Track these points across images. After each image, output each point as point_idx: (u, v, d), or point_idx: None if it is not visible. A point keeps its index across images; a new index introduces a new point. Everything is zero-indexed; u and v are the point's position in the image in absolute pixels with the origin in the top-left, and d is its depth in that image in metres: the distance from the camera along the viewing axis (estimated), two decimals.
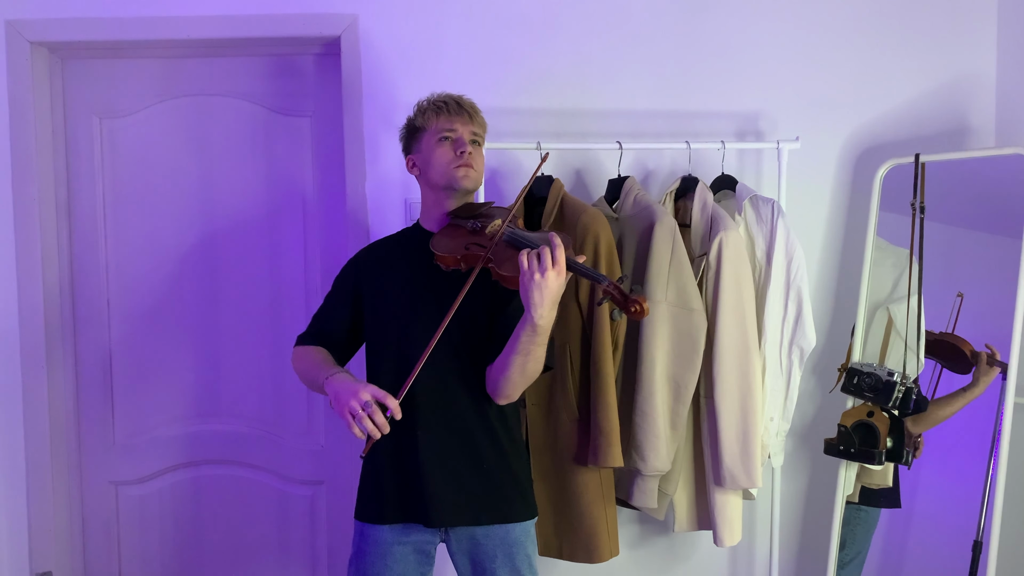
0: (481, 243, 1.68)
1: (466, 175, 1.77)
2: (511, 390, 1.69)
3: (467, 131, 1.79)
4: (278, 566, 2.53)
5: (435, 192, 1.81)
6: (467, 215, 1.77)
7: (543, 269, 1.52)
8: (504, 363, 1.65)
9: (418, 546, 1.76)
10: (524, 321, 1.58)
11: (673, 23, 2.39)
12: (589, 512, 2.03)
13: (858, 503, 2.28)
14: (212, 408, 2.50)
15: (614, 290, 1.51)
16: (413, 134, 1.84)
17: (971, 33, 2.42)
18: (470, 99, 1.83)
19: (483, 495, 1.73)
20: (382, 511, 1.75)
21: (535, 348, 1.62)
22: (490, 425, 1.75)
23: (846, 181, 2.43)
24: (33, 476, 2.38)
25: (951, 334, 2.18)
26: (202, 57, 2.44)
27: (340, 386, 1.63)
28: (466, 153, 1.77)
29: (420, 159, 1.82)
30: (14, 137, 2.33)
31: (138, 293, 2.47)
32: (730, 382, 2.07)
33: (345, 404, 1.58)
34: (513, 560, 1.73)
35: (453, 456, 1.72)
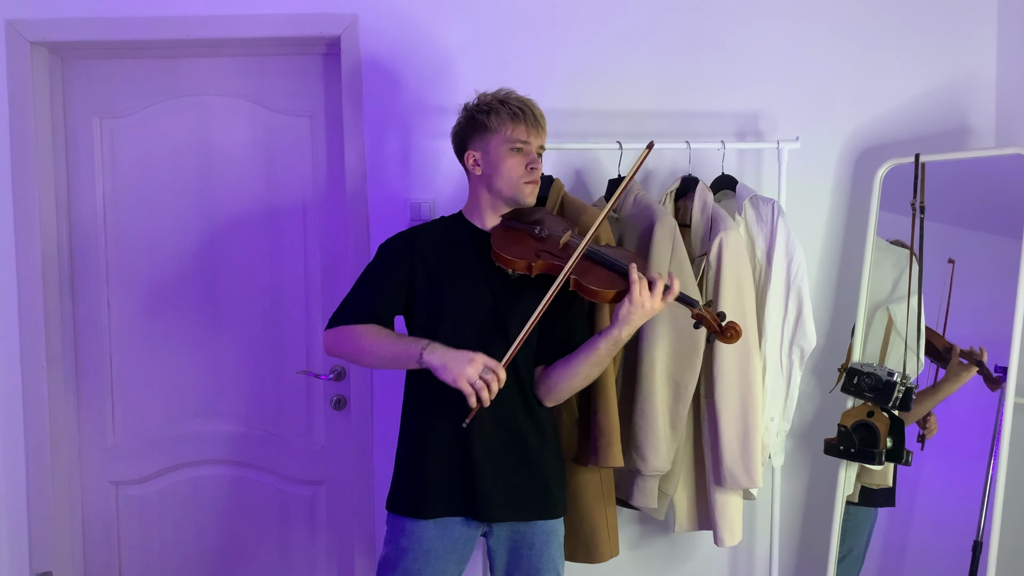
0: (551, 251, 1.73)
1: (532, 192, 1.80)
2: (565, 394, 1.78)
3: (537, 144, 1.79)
4: (278, 566, 2.53)
5: (494, 197, 1.81)
6: (526, 220, 1.80)
7: (652, 297, 1.63)
8: (572, 370, 1.73)
9: (460, 542, 1.78)
10: (606, 335, 1.68)
11: (673, 23, 2.39)
12: (589, 512, 2.02)
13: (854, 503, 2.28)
14: (212, 408, 2.50)
15: (709, 315, 1.66)
16: (479, 130, 1.79)
17: (971, 33, 2.42)
18: (540, 108, 1.82)
19: (531, 491, 1.77)
20: (428, 505, 1.75)
21: (608, 359, 1.74)
22: (539, 423, 1.80)
23: (846, 181, 2.43)
24: (33, 476, 2.38)
25: (933, 332, 2.19)
26: (202, 57, 2.44)
27: (449, 355, 1.63)
28: (537, 170, 1.78)
29: (486, 161, 1.79)
30: (14, 137, 2.33)
31: (138, 293, 2.47)
32: (730, 382, 2.07)
33: (462, 374, 1.60)
34: (550, 548, 1.79)
35: (504, 452, 1.75)
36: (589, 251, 1.71)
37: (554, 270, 1.70)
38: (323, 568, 2.53)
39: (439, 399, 1.73)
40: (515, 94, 1.81)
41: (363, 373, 2.40)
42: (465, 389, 1.60)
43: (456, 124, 1.85)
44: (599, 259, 1.72)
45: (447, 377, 1.61)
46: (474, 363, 1.61)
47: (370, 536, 2.42)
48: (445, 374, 1.61)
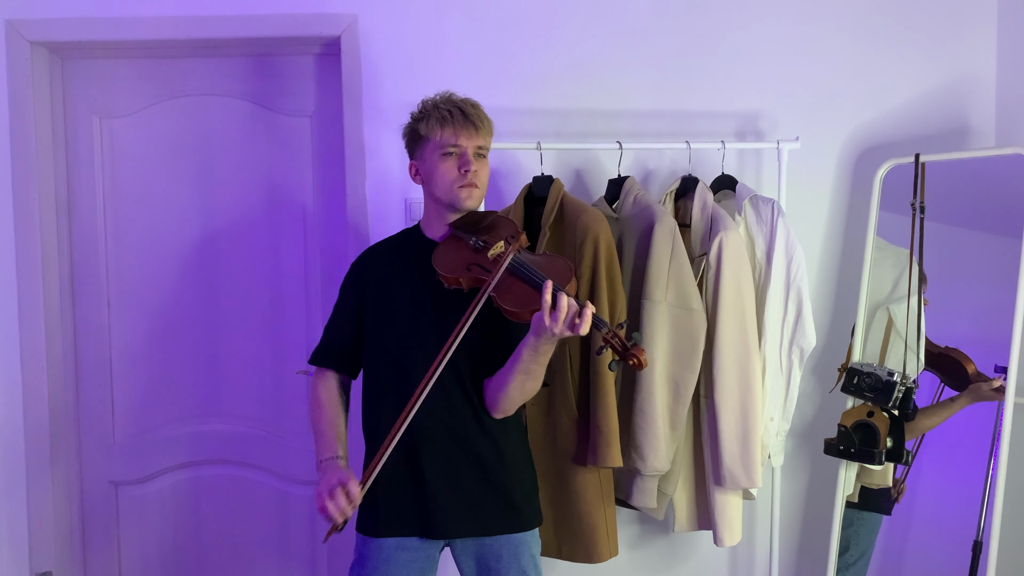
0: (483, 265, 1.65)
1: (469, 196, 1.72)
2: (508, 406, 1.70)
3: (472, 145, 1.71)
4: (278, 566, 2.53)
5: (436, 204, 1.76)
6: (470, 228, 1.73)
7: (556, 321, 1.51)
8: (503, 381, 1.66)
9: (421, 552, 1.75)
10: (526, 343, 1.59)
11: (673, 23, 2.39)
12: (588, 512, 2.02)
13: (860, 507, 2.27)
14: (212, 408, 2.50)
15: (614, 339, 1.52)
16: (416, 140, 1.76)
17: (971, 33, 2.42)
18: (475, 102, 1.75)
19: (490, 506, 1.73)
20: (381, 525, 1.73)
21: (536, 368, 1.63)
22: (493, 436, 1.74)
23: (846, 181, 2.43)
24: (33, 476, 2.38)
25: (956, 350, 2.18)
26: (202, 57, 2.44)
27: (323, 475, 1.66)
28: (470, 172, 1.70)
29: (423, 169, 1.75)
30: (14, 137, 2.33)
31: (138, 293, 2.47)
32: (730, 382, 2.07)
33: (319, 494, 1.61)
34: (519, 560, 1.73)
35: (459, 468, 1.71)
36: (513, 265, 1.61)
37: (480, 284, 1.62)
38: (323, 568, 2.53)
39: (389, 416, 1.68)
40: (451, 96, 1.74)
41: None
42: (321, 512, 1.60)
43: (403, 136, 1.81)
44: (522, 274, 1.60)
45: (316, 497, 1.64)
46: (328, 481, 1.61)
47: None
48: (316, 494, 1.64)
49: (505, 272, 1.60)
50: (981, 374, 2.14)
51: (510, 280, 1.61)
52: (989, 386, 2.11)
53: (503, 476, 1.73)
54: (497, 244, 1.68)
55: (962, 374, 2.16)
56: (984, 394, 2.13)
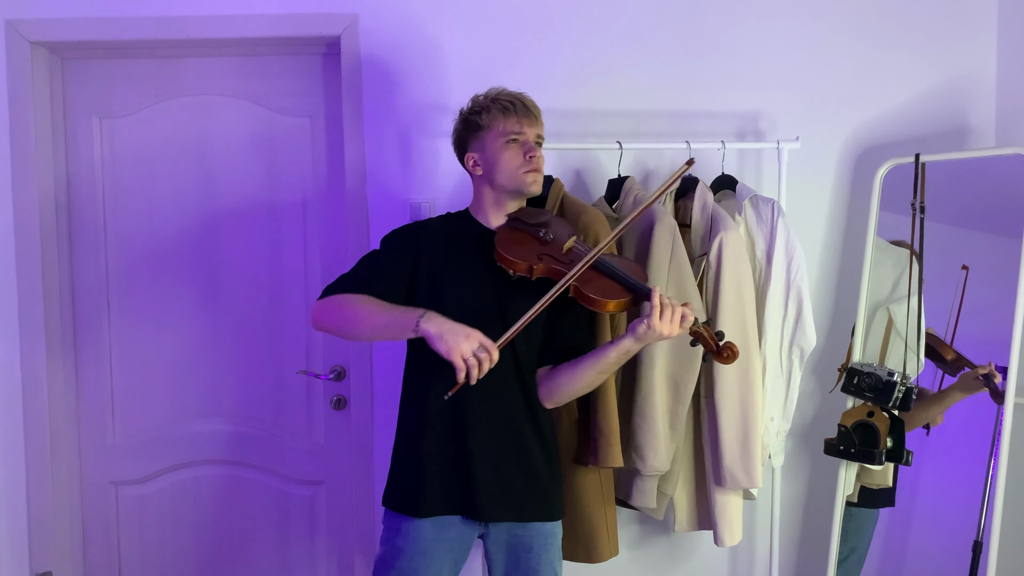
0: (555, 256, 1.71)
1: (535, 180, 1.79)
2: (567, 398, 1.79)
3: (533, 133, 1.79)
4: (278, 566, 2.53)
5: (497, 193, 1.81)
6: (531, 221, 1.78)
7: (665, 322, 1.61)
8: (578, 375, 1.74)
9: (457, 542, 1.77)
10: (618, 344, 1.68)
11: (673, 23, 2.39)
12: (589, 512, 2.02)
13: (855, 504, 2.27)
14: (212, 408, 2.50)
15: (707, 334, 1.65)
16: (474, 131, 1.80)
17: (971, 33, 2.42)
18: (532, 99, 1.82)
19: (528, 492, 1.76)
20: (424, 503, 1.74)
21: (615, 368, 1.75)
22: (539, 425, 1.79)
23: (846, 181, 2.43)
24: (33, 476, 2.38)
25: (934, 336, 2.18)
26: (202, 57, 2.44)
27: (447, 326, 1.59)
28: (535, 158, 1.77)
29: (484, 159, 1.80)
30: (14, 137, 2.33)
31: (138, 293, 2.47)
32: (730, 382, 2.06)
33: (456, 347, 1.57)
34: (549, 552, 1.78)
35: (503, 453, 1.74)
36: (598, 261, 1.70)
37: (555, 274, 1.69)
38: (323, 568, 2.53)
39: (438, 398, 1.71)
40: (505, 90, 1.82)
41: (363, 373, 2.40)
42: (457, 363, 1.57)
43: (454, 131, 1.87)
44: (604, 269, 1.71)
45: (441, 347, 1.58)
46: (470, 338, 1.58)
47: (370, 536, 2.42)
48: (440, 344, 1.58)
49: (588, 267, 1.68)
50: (963, 358, 2.14)
51: (592, 274, 1.70)
52: (974, 374, 2.12)
53: (541, 464, 1.78)
54: (570, 239, 1.75)
55: (942, 359, 2.17)
56: (971, 384, 2.13)
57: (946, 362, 2.18)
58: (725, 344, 1.65)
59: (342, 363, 2.47)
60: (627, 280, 1.69)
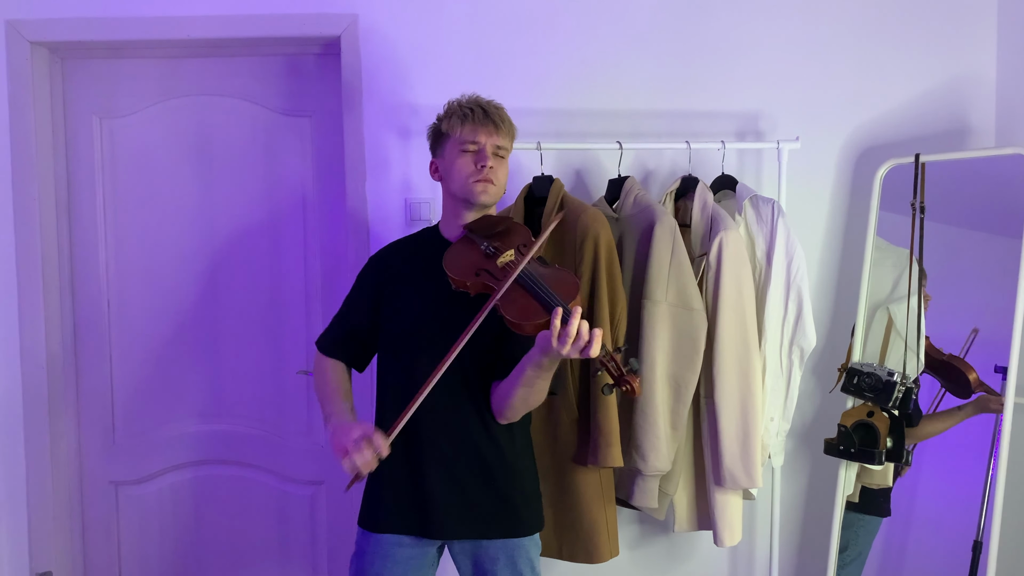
0: (491, 271, 1.64)
1: (484, 190, 1.72)
2: (512, 414, 1.70)
3: (491, 143, 1.73)
4: (278, 566, 2.53)
5: (454, 201, 1.78)
6: (483, 232, 1.73)
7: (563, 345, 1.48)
8: (508, 391, 1.66)
9: (418, 550, 1.76)
10: (530, 359, 1.58)
11: (673, 23, 2.39)
12: (589, 512, 2.02)
13: (860, 510, 2.27)
14: (212, 408, 2.50)
15: (611, 363, 1.52)
16: (439, 138, 1.79)
17: (971, 33, 2.42)
18: (499, 105, 1.77)
19: (490, 510, 1.73)
20: (383, 520, 1.74)
21: (540, 382, 1.64)
22: (497, 441, 1.74)
23: (846, 181, 2.43)
24: (33, 476, 2.38)
25: (960, 359, 2.17)
26: (202, 57, 2.44)
27: (338, 429, 1.66)
28: (486, 168, 1.71)
29: (443, 166, 1.78)
30: (14, 137, 2.33)
31: (138, 293, 2.47)
32: (730, 382, 2.07)
33: (339, 445, 1.61)
34: (516, 564, 1.73)
35: (460, 471, 1.71)
36: (522, 277, 1.59)
37: (489, 291, 1.62)
38: (323, 568, 2.53)
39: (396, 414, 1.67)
40: (474, 97, 1.77)
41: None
42: (338, 457, 1.59)
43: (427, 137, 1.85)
44: (529, 287, 1.58)
45: (333, 450, 1.64)
46: (349, 433, 1.59)
47: None
48: (333, 447, 1.65)
49: (513, 283, 1.59)
50: (983, 384, 2.14)
51: (517, 292, 1.59)
52: (997, 400, 2.09)
53: (504, 481, 1.73)
54: (508, 252, 1.67)
55: (964, 382, 2.15)
56: (990, 407, 2.12)
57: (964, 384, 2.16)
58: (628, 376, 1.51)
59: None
60: (548, 298, 1.54)
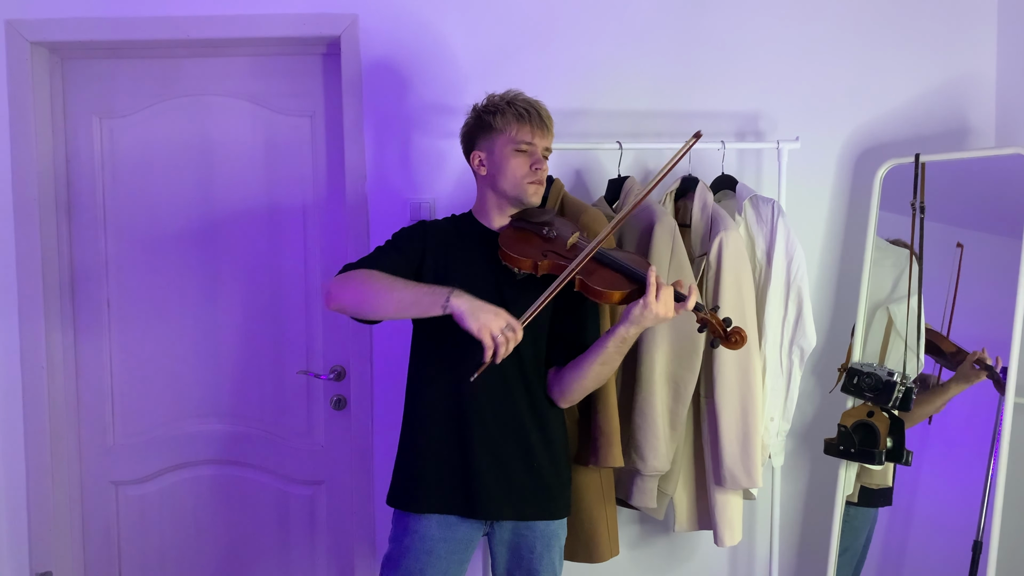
0: (558, 251, 1.72)
1: (536, 192, 1.80)
2: (578, 395, 1.77)
3: (542, 145, 1.79)
4: (278, 566, 2.53)
5: (499, 197, 1.82)
6: (535, 220, 1.79)
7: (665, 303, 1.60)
8: (583, 370, 1.72)
9: (464, 542, 1.78)
10: (614, 333, 1.68)
11: (673, 23, 2.39)
12: (589, 512, 2.02)
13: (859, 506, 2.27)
14: (212, 408, 2.50)
15: (714, 319, 1.63)
16: (486, 131, 1.80)
17: (971, 33, 2.42)
18: (547, 109, 1.82)
19: (531, 492, 1.77)
20: (426, 499, 1.75)
21: (618, 356, 1.72)
22: (544, 424, 1.79)
23: (846, 181, 2.43)
24: (33, 476, 2.38)
25: (933, 331, 2.18)
26: (202, 57, 2.44)
27: (476, 304, 1.59)
28: (540, 170, 1.78)
29: (491, 161, 1.80)
30: (14, 137, 2.33)
31: (138, 293, 2.47)
32: (730, 382, 2.07)
33: (486, 325, 1.56)
34: (551, 552, 1.79)
35: (506, 452, 1.75)
36: (598, 253, 1.71)
37: (560, 270, 1.70)
38: (323, 568, 2.53)
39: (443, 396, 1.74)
40: (523, 95, 1.82)
41: (363, 373, 2.40)
42: (486, 341, 1.56)
43: (464, 125, 1.86)
44: (607, 261, 1.72)
45: (472, 325, 1.56)
46: (499, 316, 1.58)
47: (370, 536, 2.42)
48: (471, 321, 1.56)
49: (591, 259, 1.69)
50: (961, 351, 2.14)
51: (595, 266, 1.70)
52: (971, 361, 2.11)
53: (546, 463, 1.78)
54: (574, 235, 1.76)
55: (941, 353, 2.17)
56: (970, 374, 2.13)
57: (946, 356, 2.18)
58: (733, 329, 1.62)
59: (342, 363, 2.47)
60: (629, 270, 1.69)
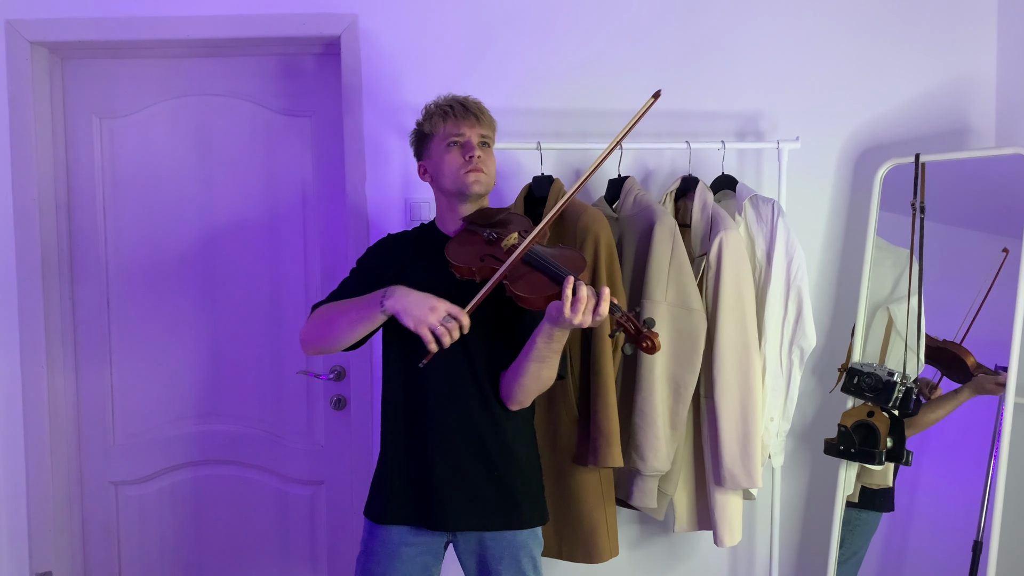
0: (496, 255, 1.67)
1: (476, 180, 1.76)
2: (524, 396, 1.72)
3: (475, 134, 1.77)
4: (278, 566, 2.53)
5: (448, 198, 1.80)
6: (483, 222, 1.76)
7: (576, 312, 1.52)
8: (518, 370, 1.68)
9: (426, 547, 1.76)
10: (540, 331, 1.61)
11: (673, 23, 2.39)
12: (589, 512, 2.02)
13: (859, 506, 2.27)
14: (212, 408, 2.50)
15: (627, 323, 1.53)
16: (422, 140, 1.83)
17: (971, 33, 2.41)
18: (476, 99, 1.81)
19: (493, 501, 1.74)
20: (388, 511, 1.75)
21: (551, 355, 1.65)
22: (502, 432, 1.75)
23: (846, 181, 2.43)
24: (33, 476, 2.38)
25: (955, 343, 2.18)
26: (202, 57, 2.44)
27: (411, 299, 1.60)
28: (475, 157, 1.75)
29: (431, 165, 1.81)
30: (14, 137, 2.33)
31: (138, 293, 2.47)
32: (730, 382, 2.07)
33: (422, 320, 1.57)
34: (519, 563, 1.74)
35: (464, 461, 1.72)
36: (528, 255, 1.63)
37: (498, 278, 1.64)
38: (323, 568, 2.53)
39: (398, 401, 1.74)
40: (452, 95, 1.81)
41: (363, 373, 2.40)
42: (425, 335, 1.57)
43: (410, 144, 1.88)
44: (536, 263, 1.63)
45: (408, 322, 1.58)
46: (436, 310, 1.57)
47: None
48: (407, 319, 1.58)
49: (521, 262, 1.63)
50: (982, 366, 2.14)
51: (524, 269, 1.63)
52: (993, 380, 2.11)
53: (507, 471, 1.74)
54: (511, 235, 1.70)
55: (962, 367, 2.16)
56: (987, 387, 2.13)
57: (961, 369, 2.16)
58: (648, 333, 1.51)
59: (342, 363, 2.47)
60: (554, 272, 1.60)
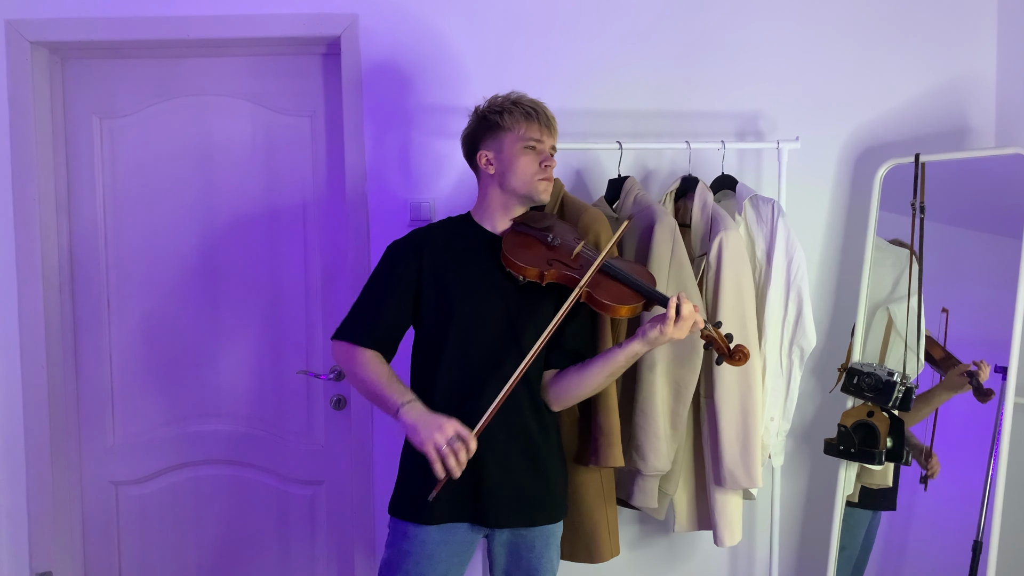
0: (563, 261, 1.74)
1: (546, 189, 1.81)
2: (574, 401, 1.81)
3: (549, 143, 1.83)
4: (278, 566, 2.53)
5: (507, 196, 1.82)
6: (536, 225, 1.80)
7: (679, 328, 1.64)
8: (586, 379, 1.75)
9: (466, 544, 1.79)
10: (627, 347, 1.70)
11: (673, 23, 2.39)
12: (589, 512, 2.02)
13: (860, 507, 2.27)
14: (212, 408, 2.50)
15: (714, 337, 1.67)
16: (492, 130, 1.81)
17: (971, 33, 2.42)
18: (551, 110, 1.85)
19: (537, 497, 1.78)
20: (432, 511, 1.72)
21: (623, 369, 1.75)
22: (546, 428, 1.80)
23: (846, 181, 2.43)
24: (33, 476, 2.38)
25: (929, 339, 2.19)
26: (202, 57, 2.44)
27: (423, 419, 1.63)
28: (550, 168, 1.81)
29: (499, 159, 1.80)
30: (14, 137, 2.33)
31: (138, 293, 2.47)
32: (730, 382, 2.07)
33: (429, 439, 1.60)
34: (549, 550, 1.81)
35: (513, 457, 1.75)
36: (605, 265, 1.72)
37: (566, 280, 1.71)
38: (323, 568, 2.53)
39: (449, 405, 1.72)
40: (526, 96, 1.84)
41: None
42: (430, 454, 1.59)
43: (467, 127, 1.86)
44: (613, 274, 1.73)
45: (415, 439, 1.62)
46: (443, 430, 1.60)
47: (370, 536, 2.42)
48: (414, 436, 1.63)
49: (597, 271, 1.71)
50: (951, 357, 2.15)
51: (601, 278, 1.72)
52: (956, 372, 2.12)
53: (550, 467, 1.79)
54: (578, 244, 1.78)
55: (931, 359, 2.17)
56: (956, 382, 2.14)
57: (935, 361, 2.18)
58: (736, 348, 1.67)
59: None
60: (638, 285, 1.72)
